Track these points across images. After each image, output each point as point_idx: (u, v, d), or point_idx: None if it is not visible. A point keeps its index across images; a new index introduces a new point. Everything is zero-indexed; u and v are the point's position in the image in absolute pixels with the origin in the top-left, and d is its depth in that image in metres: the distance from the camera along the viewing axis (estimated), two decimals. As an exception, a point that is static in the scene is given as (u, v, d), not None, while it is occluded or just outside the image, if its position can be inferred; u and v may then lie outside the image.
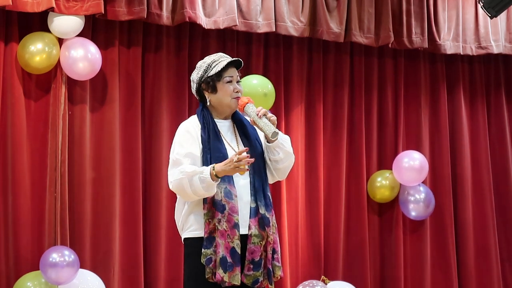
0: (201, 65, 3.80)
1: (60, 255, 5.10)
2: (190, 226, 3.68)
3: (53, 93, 5.45)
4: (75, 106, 5.52)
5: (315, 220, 6.20)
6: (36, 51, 5.29)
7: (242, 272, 3.61)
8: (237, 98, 3.74)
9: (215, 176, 3.53)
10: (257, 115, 3.63)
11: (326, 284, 5.98)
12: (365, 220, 6.36)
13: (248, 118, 3.75)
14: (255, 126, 3.69)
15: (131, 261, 5.58)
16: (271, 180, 3.81)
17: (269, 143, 3.71)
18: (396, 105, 6.60)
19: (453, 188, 6.71)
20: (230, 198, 3.60)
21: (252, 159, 3.53)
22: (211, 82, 3.74)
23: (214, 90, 3.74)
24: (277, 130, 3.62)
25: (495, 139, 6.93)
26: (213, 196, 3.60)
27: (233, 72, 3.78)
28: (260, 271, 3.63)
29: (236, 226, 3.59)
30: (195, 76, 3.79)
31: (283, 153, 3.73)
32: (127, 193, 5.61)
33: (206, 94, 3.76)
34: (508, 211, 6.88)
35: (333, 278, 6.12)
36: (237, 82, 3.78)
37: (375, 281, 6.41)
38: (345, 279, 6.15)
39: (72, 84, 5.49)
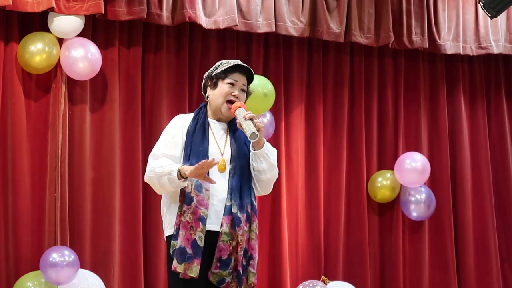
0: (216, 63, 3.87)
1: (60, 255, 5.10)
2: (169, 224, 3.73)
3: (53, 93, 5.45)
4: (75, 106, 5.52)
5: (315, 220, 6.20)
6: (36, 51, 5.29)
7: (209, 269, 3.61)
8: (231, 101, 3.76)
9: (181, 176, 3.59)
10: (244, 117, 3.66)
11: (326, 284, 5.98)
12: (365, 220, 6.36)
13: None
14: (240, 129, 3.71)
15: (131, 261, 5.58)
16: (255, 193, 3.80)
17: (254, 149, 3.72)
18: (396, 105, 6.60)
19: (453, 188, 6.71)
20: (199, 191, 3.62)
21: (214, 164, 3.55)
22: (214, 79, 3.81)
23: (215, 86, 3.80)
24: (257, 133, 3.62)
25: (495, 139, 6.93)
26: (185, 189, 3.65)
27: (240, 79, 3.81)
28: (227, 271, 3.62)
29: (201, 219, 3.59)
30: (206, 73, 3.88)
31: (267, 163, 3.74)
32: (127, 193, 5.61)
33: (208, 90, 3.83)
34: (508, 211, 6.88)
35: (333, 278, 6.12)
36: (242, 90, 3.81)
37: (375, 281, 6.41)
38: (345, 279, 6.15)
39: (72, 84, 5.50)
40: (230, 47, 6.05)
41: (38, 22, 5.45)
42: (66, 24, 5.33)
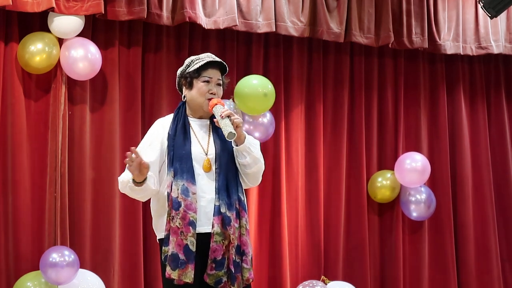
0: (187, 60, 3.83)
1: (60, 255, 5.10)
2: (159, 227, 3.70)
3: (53, 93, 5.45)
4: (75, 106, 5.52)
5: (315, 220, 6.20)
6: (36, 51, 5.29)
7: (205, 271, 3.58)
8: (211, 100, 3.72)
9: (135, 182, 3.58)
10: (220, 115, 3.62)
11: (326, 284, 5.98)
12: (365, 220, 6.36)
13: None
14: (218, 126, 3.66)
15: (131, 261, 5.58)
16: (244, 186, 3.77)
17: (237, 145, 3.68)
18: (396, 105, 6.61)
19: (453, 188, 6.71)
20: (186, 195, 3.59)
21: (131, 152, 3.54)
22: (188, 78, 3.76)
23: (190, 86, 3.76)
24: (234, 132, 3.58)
25: (495, 139, 6.94)
26: (171, 194, 3.61)
27: (214, 74, 3.76)
28: (223, 271, 3.59)
29: (191, 223, 3.56)
30: (179, 70, 3.83)
31: (250, 157, 3.70)
32: (127, 193, 5.61)
33: (184, 90, 3.79)
34: (508, 211, 6.88)
35: (333, 278, 6.12)
36: (218, 85, 3.77)
37: (375, 281, 6.41)
38: (345, 279, 6.15)
39: (72, 84, 5.49)
40: (230, 47, 6.05)
41: (38, 22, 5.45)
42: (66, 24, 5.33)
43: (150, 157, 3.67)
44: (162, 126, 3.76)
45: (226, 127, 3.59)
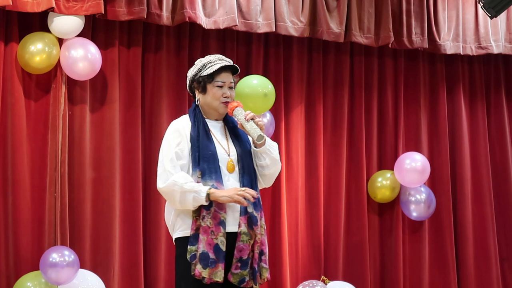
0: (198, 63, 3.85)
1: (60, 255, 5.10)
2: (180, 226, 3.71)
3: (53, 93, 5.45)
4: (75, 106, 5.52)
5: (315, 220, 6.20)
6: (36, 51, 5.29)
7: (229, 270, 3.62)
8: (226, 103, 3.76)
9: (208, 198, 3.58)
10: (245, 118, 3.66)
11: (326, 284, 5.98)
12: (365, 220, 6.36)
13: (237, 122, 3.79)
14: (242, 130, 3.73)
15: (131, 261, 5.58)
16: (259, 186, 3.83)
17: (256, 147, 3.74)
18: (396, 105, 6.61)
19: (452, 188, 6.71)
20: None
21: (253, 198, 3.59)
22: (202, 82, 3.78)
23: (204, 90, 3.78)
24: (263, 134, 3.65)
25: (495, 139, 6.94)
26: None
27: (227, 78, 3.79)
28: (247, 270, 3.64)
29: (222, 223, 3.61)
30: (190, 72, 3.85)
31: (270, 159, 3.76)
32: (127, 193, 5.61)
33: (197, 93, 3.81)
34: (508, 211, 6.88)
35: (333, 278, 6.12)
36: (230, 88, 3.80)
37: (375, 281, 6.41)
38: (345, 279, 6.15)
39: (72, 84, 5.49)
40: (230, 47, 6.04)
41: (38, 22, 5.45)
42: (66, 24, 5.33)
43: (184, 159, 3.69)
44: (182, 127, 3.76)
45: (254, 131, 3.65)
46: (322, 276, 6.08)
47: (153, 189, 5.69)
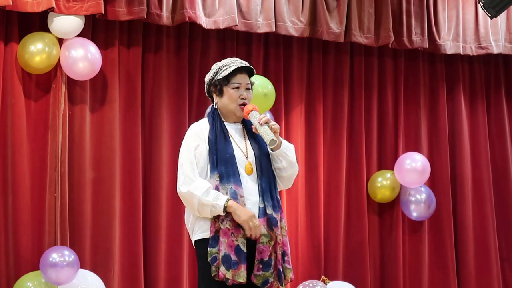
0: (214, 67, 3.87)
1: (60, 255, 5.10)
2: (199, 228, 3.73)
3: (53, 93, 5.45)
4: (75, 106, 5.52)
5: (315, 220, 6.20)
6: (36, 51, 5.29)
7: (252, 272, 3.64)
8: (243, 105, 3.79)
9: (225, 210, 3.61)
10: (259, 122, 3.70)
11: (326, 284, 5.98)
12: (365, 220, 6.36)
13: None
14: (257, 133, 3.76)
15: (131, 261, 5.58)
16: (277, 188, 3.85)
17: (272, 150, 3.77)
18: (396, 105, 6.61)
19: (453, 188, 6.71)
20: (235, 198, 3.65)
21: (257, 235, 3.62)
22: (218, 86, 3.81)
23: (221, 93, 3.81)
24: (275, 138, 3.68)
25: (495, 139, 6.93)
26: None
27: (243, 79, 3.82)
28: (270, 272, 3.67)
29: (240, 225, 3.63)
30: (207, 77, 3.88)
31: (286, 162, 3.80)
32: (127, 193, 5.61)
33: (214, 97, 3.84)
34: (508, 211, 6.88)
35: (333, 278, 6.12)
36: (247, 89, 3.82)
37: (375, 281, 6.41)
38: (345, 279, 6.15)
39: (72, 84, 5.49)
40: (230, 47, 6.05)
41: (38, 22, 5.45)
42: (66, 24, 5.33)
43: (203, 163, 3.71)
44: (200, 130, 3.78)
45: (267, 134, 3.68)
46: (322, 276, 6.09)
47: (153, 189, 5.71)
